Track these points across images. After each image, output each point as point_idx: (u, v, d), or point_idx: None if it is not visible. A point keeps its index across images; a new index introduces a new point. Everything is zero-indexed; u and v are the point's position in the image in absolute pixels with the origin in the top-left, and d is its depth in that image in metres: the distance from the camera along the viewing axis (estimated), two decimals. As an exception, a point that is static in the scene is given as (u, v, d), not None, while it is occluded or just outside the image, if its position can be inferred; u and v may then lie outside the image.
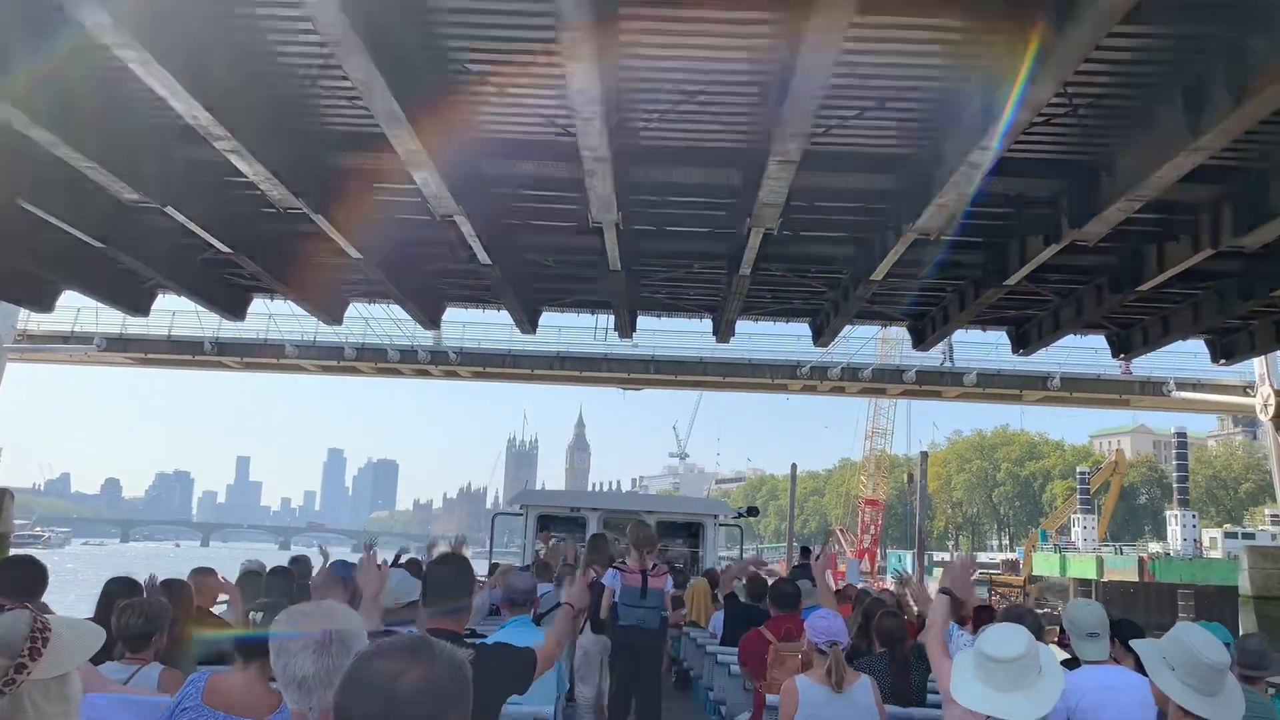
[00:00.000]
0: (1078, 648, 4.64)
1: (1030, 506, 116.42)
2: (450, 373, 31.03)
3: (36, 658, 2.19)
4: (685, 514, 17.34)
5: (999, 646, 3.25)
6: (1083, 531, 71.23)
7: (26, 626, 2.23)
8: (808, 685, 5.20)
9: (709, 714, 9.91)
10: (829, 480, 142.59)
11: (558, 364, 30.01)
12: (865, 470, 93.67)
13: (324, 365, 30.29)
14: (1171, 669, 3.32)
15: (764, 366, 30.17)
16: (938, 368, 29.80)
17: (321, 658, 2.37)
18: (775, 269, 19.78)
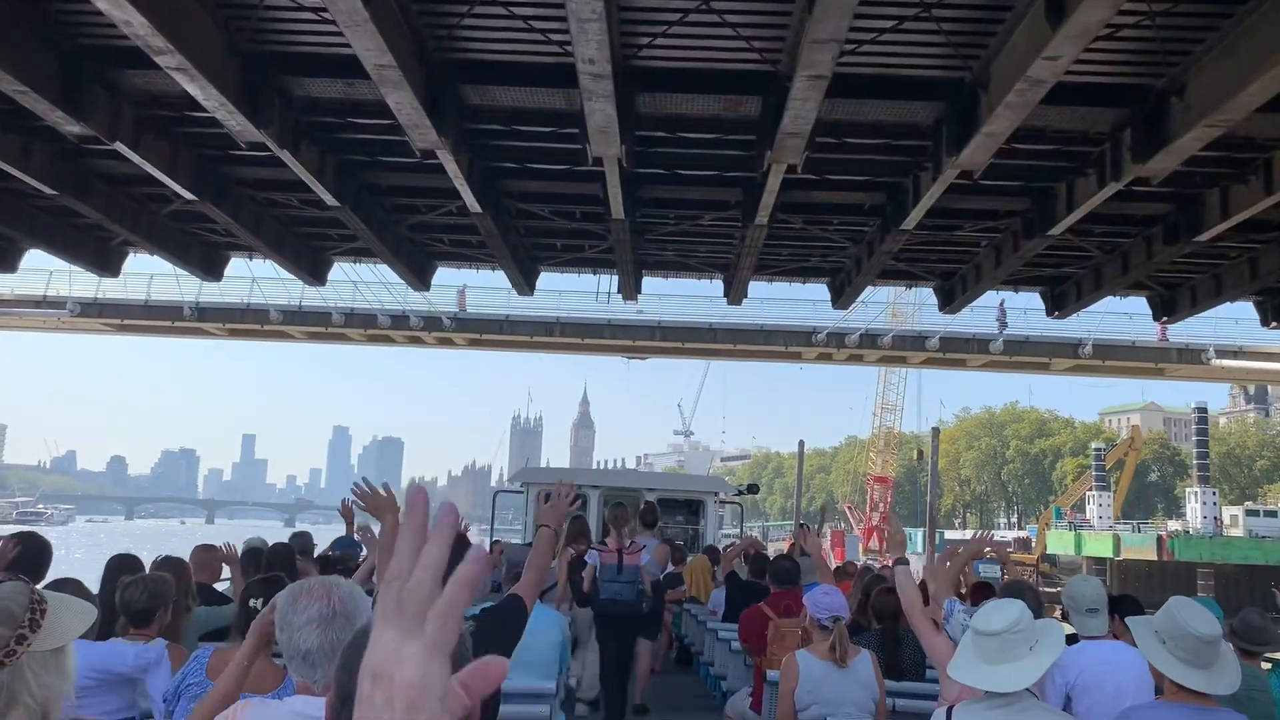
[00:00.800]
0: (1077, 623, 4.63)
1: (1040, 484, 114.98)
2: (444, 340, 29.33)
3: (36, 629, 2.21)
4: (686, 491, 17.12)
5: (987, 620, 3.24)
6: (1098, 509, 69.53)
7: (25, 597, 2.25)
8: (808, 660, 5.23)
9: (710, 689, 10.06)
10: (835, 458, 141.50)
11: (557, 330, 28.24)
12: (874, 447, 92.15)
13: (311, 332, 28.62)
14: (1163, 642, 3.35)
15: (777, 333, 28.37)
16: (962, 334, 28.05)
17: (326, 631, 2.40)
18: (794, 221, 18.04)
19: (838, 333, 27.95)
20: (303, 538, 8.25)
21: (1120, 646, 4.55)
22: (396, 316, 27.76)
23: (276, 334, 28.82)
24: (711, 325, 28.52)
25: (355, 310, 27.64)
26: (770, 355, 30.22)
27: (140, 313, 27.96)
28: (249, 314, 27.95)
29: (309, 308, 27.85)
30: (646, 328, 28.53)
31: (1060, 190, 15.73)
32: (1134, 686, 4.25)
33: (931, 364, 29.99)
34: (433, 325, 27.90)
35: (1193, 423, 66.91)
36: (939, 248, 19.95)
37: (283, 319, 27.83)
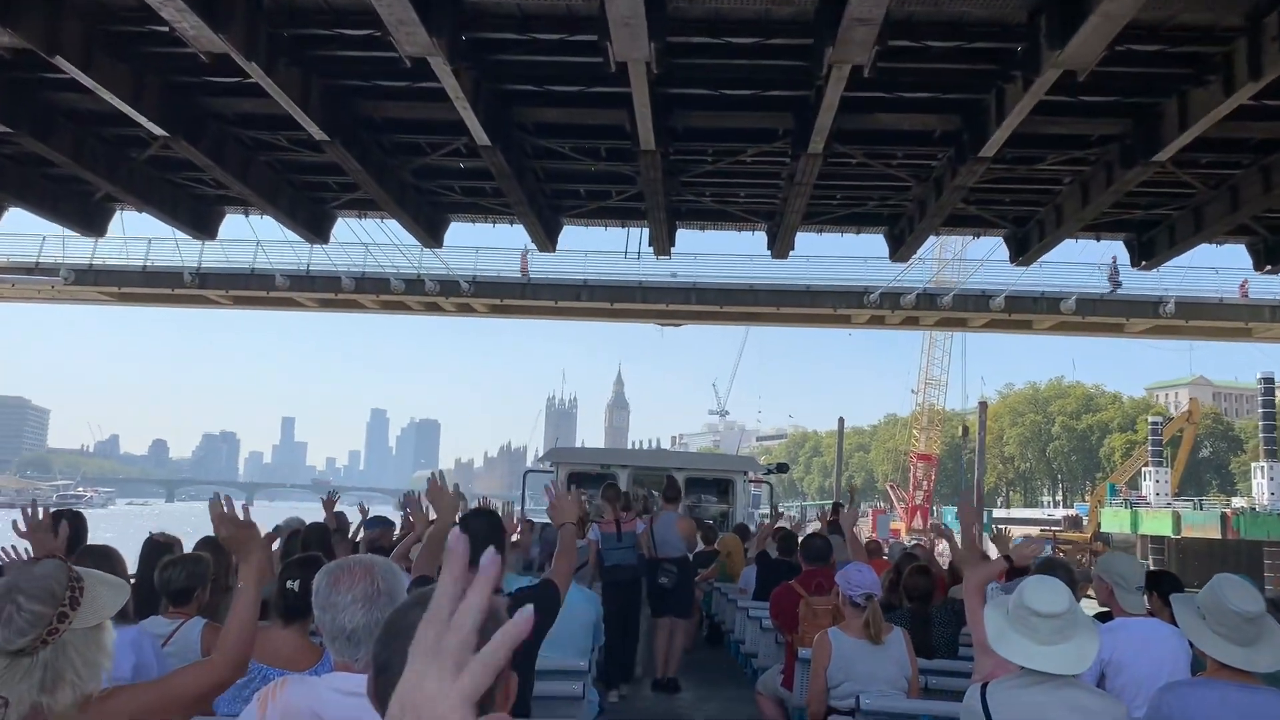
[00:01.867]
0: (1123, 600, 4.56)
1: (1087, 461, 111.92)
2: (463, 306, 27.15)
3: (76, 606, 2.24)
4: (715, 470, 16.93)
5: (1045, 602, 3.19)
6: (1155, 485, 66.46)
7: (65, 576, 2.28)
8: (841, 637, 5.21)
9: (741, 667, 10.09)
10: (875, 435, 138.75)
11: (584, 294, 25.93)
12: (917, 424, 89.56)
13: (320, 299, 26.57)
14: (1204, 619, 3.33)
15: (825, 294, 25.84)
16: (1029, 292, 25.44)
17: (370, 610, 2.41)
18: (852, 155, 15.68)
19: (892, 292, 25.38)
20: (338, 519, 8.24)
21: (1156, 624, 4.51)
22: (411, 281, 25.61)
23: (284, 301, 26.81)
24: (752, 286, 25.99)
25: (366, 274, 25.52)
26: (817, 319, 27.69)
27: (138, 279, 26.03)
28: (253, 280, 25.92)
29: (317, 272, 25.76)
30: (681, 290, 26.10)
31: (1171, 107, 13.26)
32: (1170, 664, 4.22)
33: (994, 327, 27.34)
34: (450, 290, 25.72)
35: (1258, 394, 63.44)
36: (1015, 186, 17.51)
37: (289, 285, 25.77)
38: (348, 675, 2.38)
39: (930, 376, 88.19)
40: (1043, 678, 3.17)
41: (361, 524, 8.70)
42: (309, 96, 13.46)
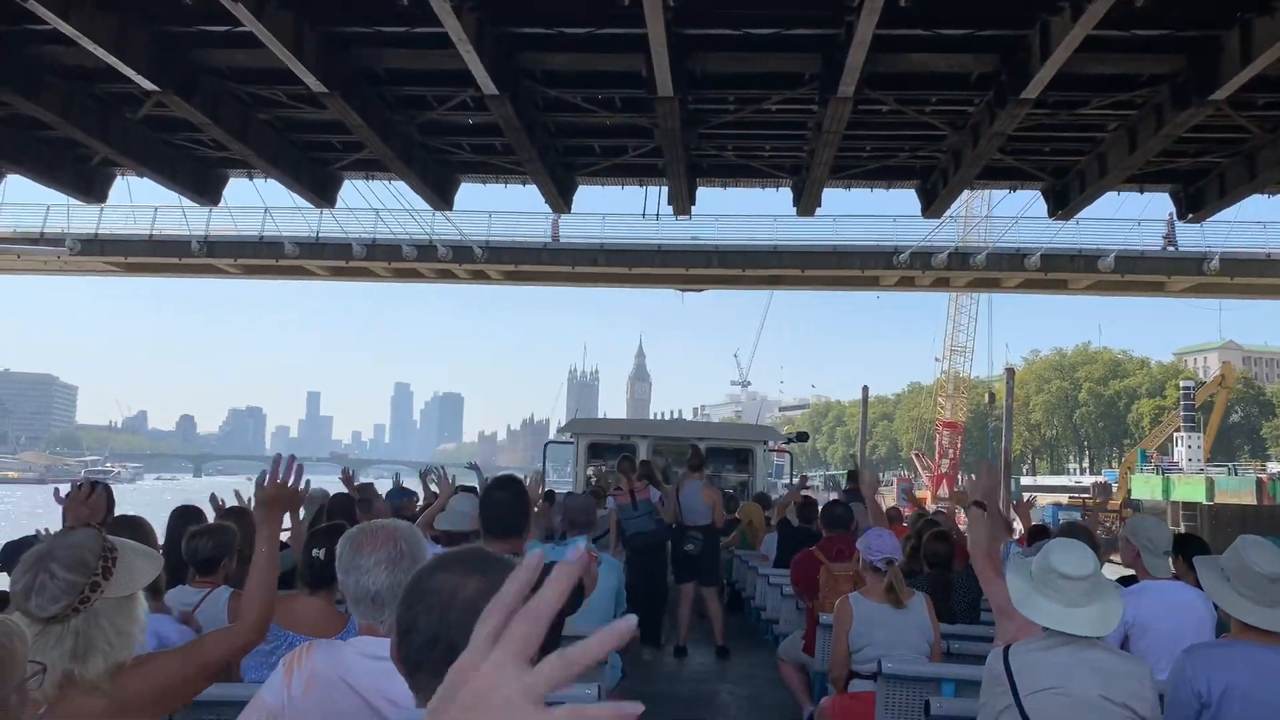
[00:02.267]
0: (1149, 563, 4.57)
1: (1114, 427, 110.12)
2: (478, 274, 26.32)
3: (109, 576, 2.26)
4: (735, 440, 17.06)
5: (1070, 564, 3.19)
6: (1187, 451, 65.26)
7: (98, 545, 2.30)
8: (862, 602, 5.24)
9: (762, 634, 10.17)
10: (899, 404, 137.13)
11: (601, 258, 25.00)
12: (943, 391, 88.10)
13: (331, 267, 25.81)
14: (1227, 580, 3.32)
15: (852, 254, 24.76)
16: (1065, 250, 24.29)
17: (393, 572, 2.44)
18: (883, 102, 14.71)
19: (923, 252, 24.29)
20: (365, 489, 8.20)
21: (1181, 587, 4.50)
22: (423, 247, 24.79)
23: (294, 270, 26.07)
24: (776, 247, 24.97)
25: (377, 240, 24.70)
26: (844, 281, 26.61)
27: (144, 248, 25.35)
28: (262, 248, 25.15)
29: (327, 238, 24.96)
30: (702, 253, 25.12)
31: (1232, 39, 12.23)
32: (1194, 627, 4.22)
33: (1029, 287, 26.19)
34: (464, 256, 24.88)
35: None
36: (1055, 134, 16.48)
37: (299, 252, 24.98)
38: (372, 639, 2.40)
39: (956, 343, 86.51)
40: (1066, 640, 3.17)
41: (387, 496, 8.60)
42: (303, 44, 12.65)
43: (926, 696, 4.48)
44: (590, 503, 6.62)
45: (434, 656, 1.57)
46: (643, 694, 7.66)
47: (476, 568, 1.64)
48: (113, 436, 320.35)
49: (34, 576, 2.20)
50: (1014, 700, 3.18)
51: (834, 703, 5.38)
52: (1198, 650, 3.41)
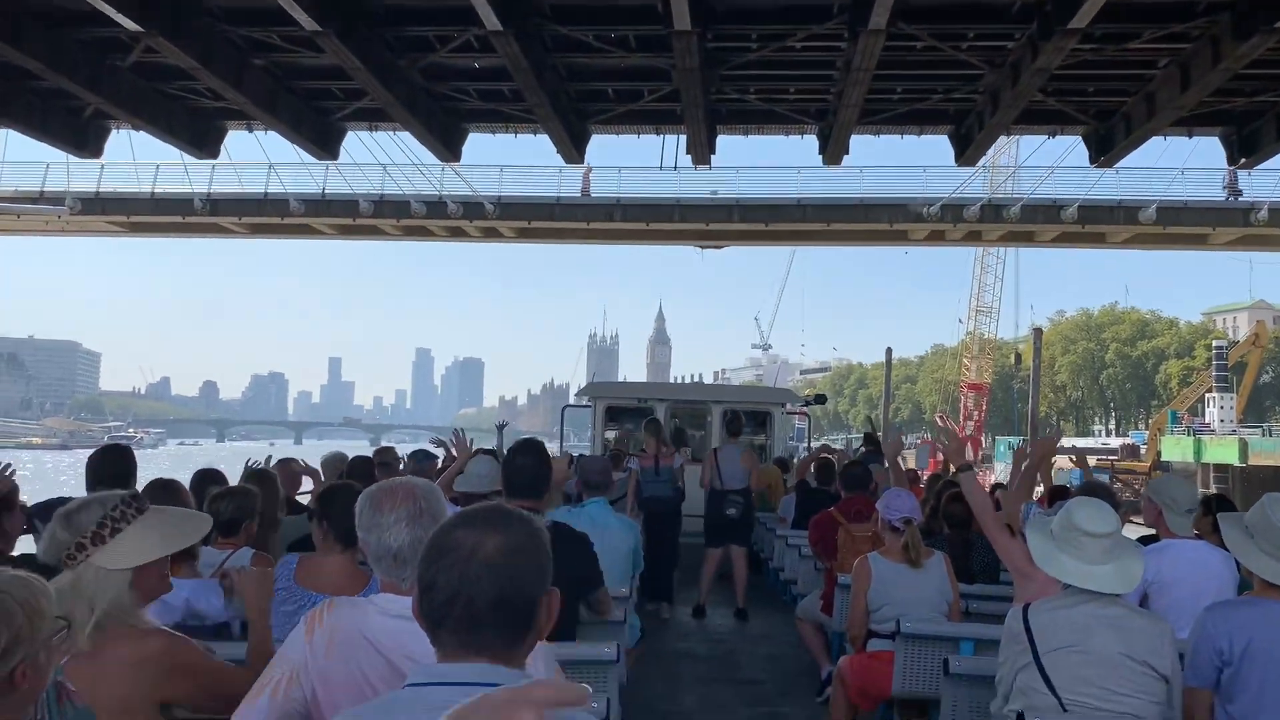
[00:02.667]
0: (1171, 522, 4.56)
1: (1142, 388, 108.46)
2: (489, 231, 25.42)
3: (99, 544, 2.33)
4: (752, 403, 16.67)
5: (1093, 522, 3.21)
6: (1219, 412, 63.88)
7: (102, 511, 2.38)
8: (880, 562, 5.27)
9: (780, 595, 10.23)
10: (922, 367, 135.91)
11: (618, 213, 24.03)
12: (968, 352, 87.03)
13: (338, 225, 25.00)
14: (1251, 537, 3.30)
15: (880, 207, 23.65)
16: (1104, 201, 23.10)
17: (414, 529, 2.44)
18: (917, 38, 13.67)
19: (954, 204, 23.19)
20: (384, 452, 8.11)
21: (1204, 546, 4.46)
22: (432, 203, 23.90)
23: (300, 228, 25.30)
24: (800, 201, 23.93)
25: (385, 197, 23.85)
26: (871, 236, 25.52)
27: (147, 207, 24.60)
28: (267, 205, 24.34)
29: (333, 195, 24.13)
30: (722, 207, 24.10)
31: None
32: (1215, 586, 4.18)
33: (1065, 241, 25.03)
34: (474, 212, 23.99)
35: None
36: (1101, 72, 15.39)
37: (305, 210, 24.16)
38: (395, 598, 2.37)
39: (981, 304, 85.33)
40: (1087, 598, 3.18)
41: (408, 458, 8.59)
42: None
43: (945, 655, 4.48)
44: (606, 464, 6.57)
45: (454, 613, 1.59)
46: (661, 652, 7.99)
47: (496, 525, 1.65)
48: (136, 402, 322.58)
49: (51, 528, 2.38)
50: (1033, 658, 3.19)
51: (852, 661, 5.40)
52: (1219, 608, 3.40)
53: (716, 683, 7.49)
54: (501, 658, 1.60)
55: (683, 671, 7.62)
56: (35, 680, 1.78)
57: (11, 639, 1.71)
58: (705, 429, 14.71)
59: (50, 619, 1.81)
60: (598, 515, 5.40)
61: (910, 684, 4.96)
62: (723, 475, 9.95)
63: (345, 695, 2.21)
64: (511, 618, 1.61)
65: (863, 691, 5.29)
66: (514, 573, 1.61)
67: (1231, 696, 3.25)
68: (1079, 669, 3.13)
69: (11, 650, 1.71)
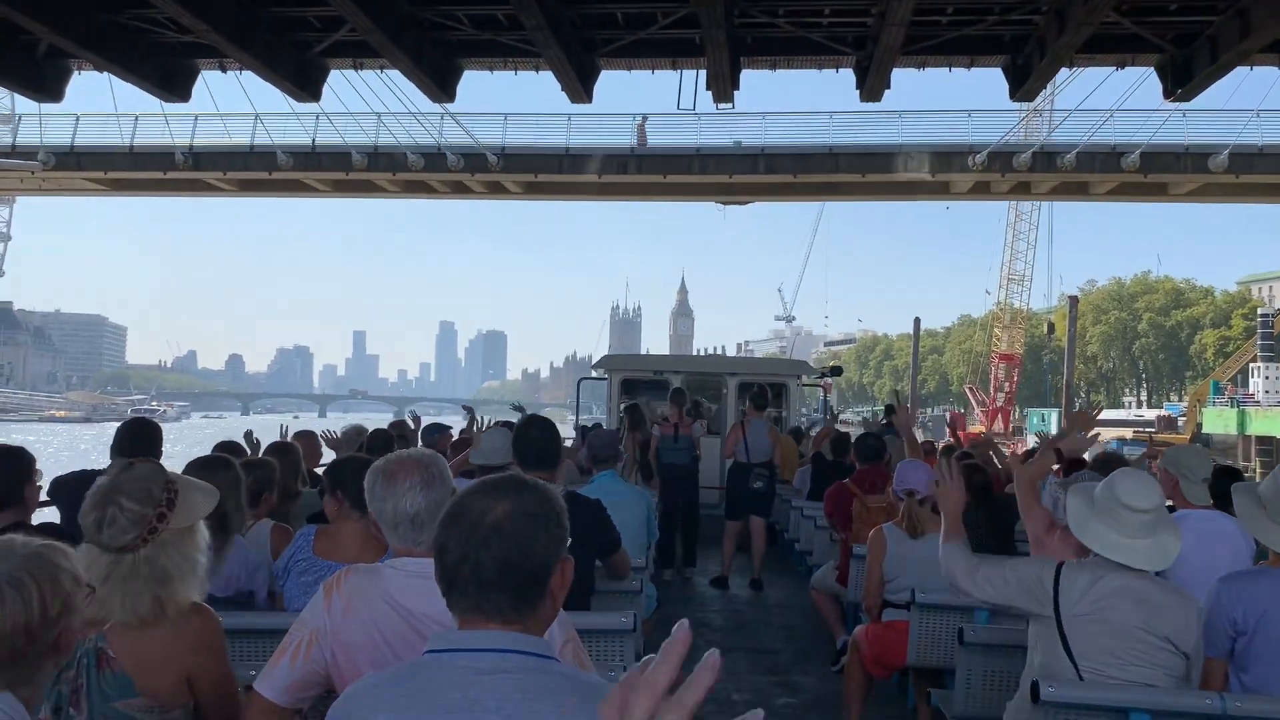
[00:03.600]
0: (1187, 491, 4.54)
1: (1176, 359, 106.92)
2: (493, 185, 23.46)
3: (173, 508, 2.40)
4: (768, 375, 16.55)
5: (1135, 495, 3.17)
6: (1265, 382, 61.43)
7: (162, 479, 2.44)
8: (894, 532, 5.32)
9: (795, 565, 10.36)
10: (948, 338, 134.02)
11: (633, 164, 22.03)
12: (999, 322, 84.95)
13: (330, 180, 23.14)
14: (1263, 507, 3.33)
15: (920, 155, 21.52)
16: (1171, 148, 20.80)
17: (428, 493, 2.53)
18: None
19: (1003, 151, 20.97)
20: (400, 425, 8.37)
21: (1217, 515, 4.43)
22: (431, 155, 21.95)
23: (290, 184, 23.44)
24: (832, 149, 21.86)
25: (380, 149, 21.94)
26: (909, 189, 23.24)
27: (125, 161, 22.78)
28: (253, 159, 22.46)
29: (324, 148, 22.23)
30: (746, 157, 21.96)
31: None
32: (1229, 556, 4.17)
33: (1124, 193, 22.73)
34: (476, 165, 22.03)
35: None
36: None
37: (294, 163, 22.28)
38: (413, 559, 2.41)
39: (1013, 272, 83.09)
40: (1116, 568, 3.15)
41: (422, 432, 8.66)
42: None
43: (960, 625, 4.44)
44: (614, 436, 6.68)
45: (462, 575, 1.62)
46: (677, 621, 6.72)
47: (508, 491, 1.67)
48: (162, 376, 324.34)
49: (104, 510, 2.36)
50: (1054, 615, 3.17)
51: (868, 631, 5.42)
52: (1233, 578, 3.42)
53: (732, 652, 7.43)
54: (514, 623, 1.61)
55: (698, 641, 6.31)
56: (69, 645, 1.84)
57: (62, 606, 1.76)
58: (720, 401, 14.63)
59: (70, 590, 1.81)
60: (609, 486, 5.48)
61: (925, 653, 5.01)
62: (750, 448, 10.05)
63: (365, 657, 2.26)
64: (520, 581, 1.61)
65: (878, 660, 5.32)
66: (522, 537, 1.62)
67: (1245, 666, 3.31)
68: (1098, 638, 3.12)
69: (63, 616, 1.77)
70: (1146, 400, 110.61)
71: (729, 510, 10.26)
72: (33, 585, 1.73)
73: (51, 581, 1.75)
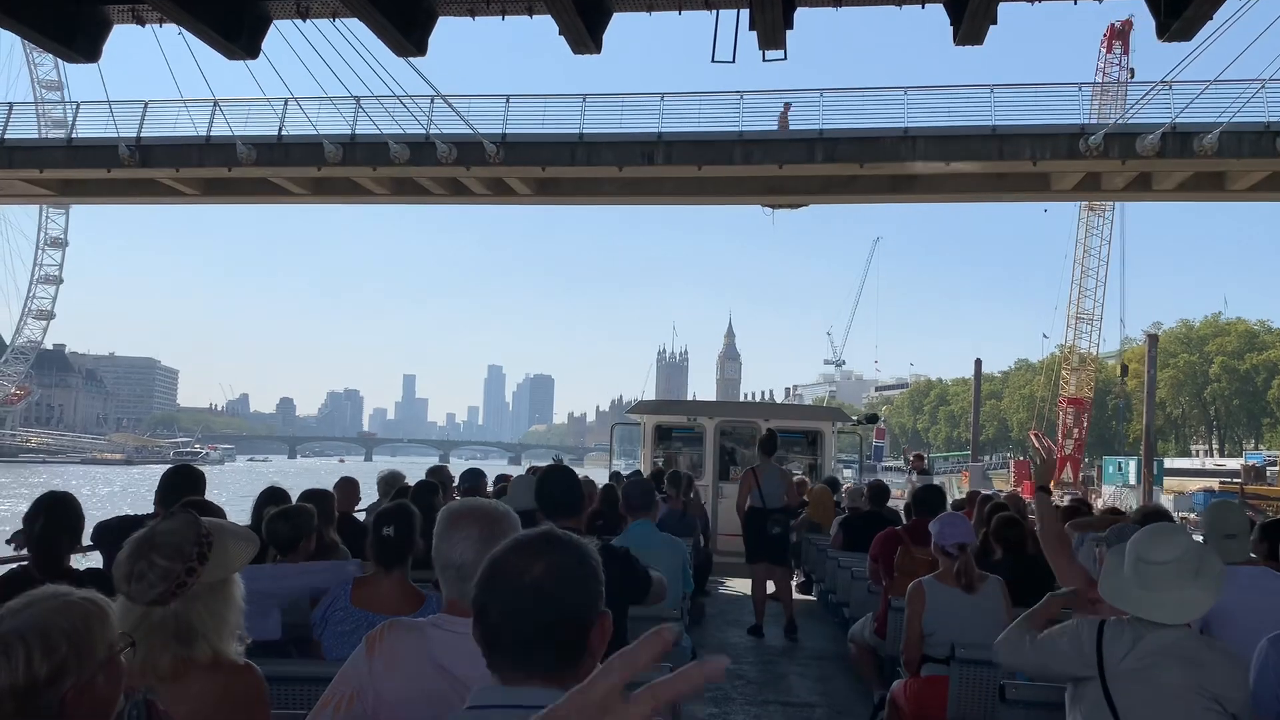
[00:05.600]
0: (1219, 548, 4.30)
1: (1252, 405, 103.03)
2: (495, 184, 19.51)
3: (204, 562, 2.37)
4: (803, 422, 16.62)
5: (1155, 549, 3.17)
6: (1370, 430, 56.08)
7: (194, 532, 2.40)
8: (935, 586, 5.30)
9: (832, 617, 10.35)
10: (1007, 382, 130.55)
11: (660, 152, 18.00)
12: (1066, 364, 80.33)
13: (302, 178, 19.38)
14: None
15: (1019, 137, 17.18)
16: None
17: (484, 547, 2.41)
18: None
19: (1124, 132, 16.63)
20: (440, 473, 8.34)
21: (1265, 573, 4.35)
22: (417, 145, 18.16)
23: (256, 185, 19.73)
24: (908, 131, 17.73)
25: (357, 138, 18.24)
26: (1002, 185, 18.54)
27: (62, 157, 19.32)
28: (210, 152, 18.84)
29: (292, 138, 18.58)
30: (801, 142, 17.77)
31: None
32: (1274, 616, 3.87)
33: (1272, 188, 18.09)
34: (472, 156, 18.18)
35: None
36: None
37: (256, 157, 18.64)
38: (457, 618, 2.40)
39: (1082, 310, 77.93)
40: (1157, 627, 3.11)
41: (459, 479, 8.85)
42: None
43: (1001, 681, 4.33)
44: (649, 485, 6.64)
45: (504, 638, 1.64)
46: None
47: (543, 550, 1.68)
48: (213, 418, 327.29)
49: (134, 563, 2.34)
50: (1099, 675, 3.14)
51: (907, 686, 5.38)
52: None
53: (768, 705, 7.44)
54: (555, 680, 1.62)
55: (734, 693, 7.60)
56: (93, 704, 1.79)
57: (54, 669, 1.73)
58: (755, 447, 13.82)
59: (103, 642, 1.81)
60: (642, 536, 5.52)
61: (966, 710, 5.00)
62: (764, 495, 10.05)
63: (405, 715, 2.31)
64: (561, 641, 1.64)
65: (917, 716, 5.26)
66: (561, 595, 1.64)
67: None
68: (1144, 698, 3.06)
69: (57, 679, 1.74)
70: (1219, 448, 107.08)
71: (750, 555, 10.23)
72: (20, 649, 1.71)
73: (44, 644, 1.72)
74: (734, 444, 14.25)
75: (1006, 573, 5.76)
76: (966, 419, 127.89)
